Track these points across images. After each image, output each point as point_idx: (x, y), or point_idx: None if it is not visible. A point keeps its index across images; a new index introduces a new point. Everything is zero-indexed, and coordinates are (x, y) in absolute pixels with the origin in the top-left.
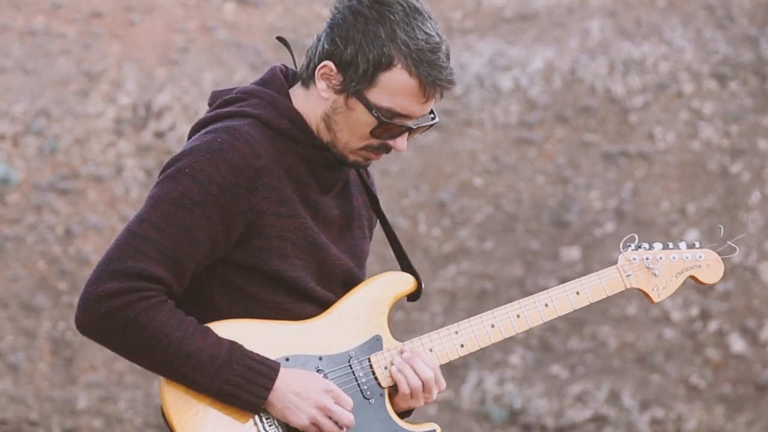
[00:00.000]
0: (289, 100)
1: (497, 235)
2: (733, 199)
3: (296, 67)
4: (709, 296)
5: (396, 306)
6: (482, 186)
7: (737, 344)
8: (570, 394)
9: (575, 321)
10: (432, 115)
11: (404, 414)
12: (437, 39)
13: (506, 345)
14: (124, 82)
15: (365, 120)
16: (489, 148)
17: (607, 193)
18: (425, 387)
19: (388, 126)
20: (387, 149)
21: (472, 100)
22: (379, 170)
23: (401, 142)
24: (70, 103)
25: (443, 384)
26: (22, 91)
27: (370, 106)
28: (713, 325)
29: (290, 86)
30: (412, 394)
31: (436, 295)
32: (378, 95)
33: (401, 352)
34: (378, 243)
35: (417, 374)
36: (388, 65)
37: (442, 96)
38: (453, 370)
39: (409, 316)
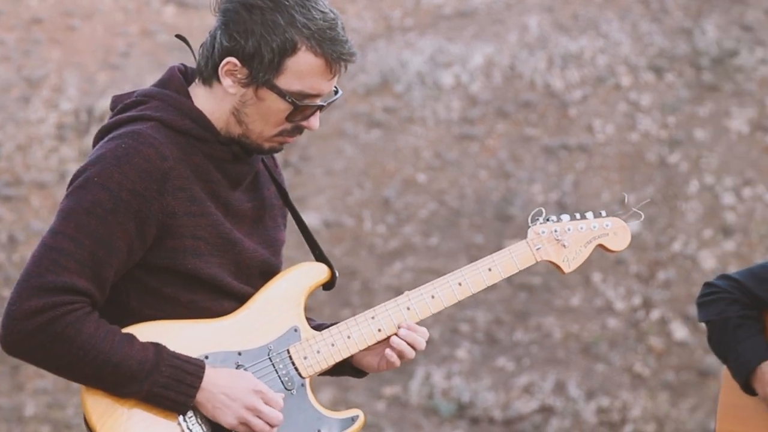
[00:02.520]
0: (190, 99)
1: (442, 230)
2: (672, 188)
3: None
4: (650, 285)
5: (337, 301)
6: (426, 182)
7: (679, 332)
8: (517, 386)
9: (520, 313)
10: (335, 89)
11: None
12: (332, 15)
13: (453, 339)
14: (66, 88)
15: (278, 107)
16: (431, 144)
17: (549, 186)
18: (406, 355)
19: (302, 108)
20: (300, 130)
21: (414, 97)
22: (323, 169)
23: (314, 121)
24: (12, 109)
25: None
26: None
27: (282, 93)
28: (655, 314)
29: (190, 84)
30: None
31: (383, 291)
32: (287, 81)
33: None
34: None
35: (414, 348)
36: (293, 50)
37: (346, 69)
38: (400, 366)
39: (355, 312)
